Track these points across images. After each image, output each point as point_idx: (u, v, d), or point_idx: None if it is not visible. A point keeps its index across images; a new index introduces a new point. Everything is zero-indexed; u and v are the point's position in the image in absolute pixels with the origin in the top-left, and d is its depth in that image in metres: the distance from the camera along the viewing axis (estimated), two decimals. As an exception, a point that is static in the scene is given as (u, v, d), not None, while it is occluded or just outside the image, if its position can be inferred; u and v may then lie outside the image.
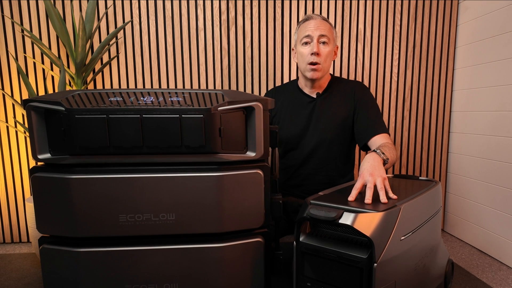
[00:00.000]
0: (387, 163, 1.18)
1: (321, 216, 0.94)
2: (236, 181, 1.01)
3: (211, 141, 0.97)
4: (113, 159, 0.97)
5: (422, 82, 1.98)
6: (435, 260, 1.19)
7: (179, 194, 0.99)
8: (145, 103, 0.97)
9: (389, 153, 1.21)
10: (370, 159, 1.12)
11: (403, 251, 0.97)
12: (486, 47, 1.73)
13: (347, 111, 1.47)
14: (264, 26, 1.88)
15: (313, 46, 1.40)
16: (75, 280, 1.01)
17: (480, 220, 1.80)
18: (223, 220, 1.02)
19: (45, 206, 0.99)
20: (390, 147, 1.27)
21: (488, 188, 1.73)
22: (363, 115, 1.45)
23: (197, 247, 1.02)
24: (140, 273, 1.01)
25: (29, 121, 0.96)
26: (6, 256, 1.74)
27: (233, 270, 1.05)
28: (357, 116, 1.46)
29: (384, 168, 1.11)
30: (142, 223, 0.99)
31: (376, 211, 0.92)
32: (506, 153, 1.61)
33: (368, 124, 1.43)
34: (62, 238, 1.02)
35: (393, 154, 1.25)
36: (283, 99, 1.58)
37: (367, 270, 0.90)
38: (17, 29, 1.76)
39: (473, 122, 1.83)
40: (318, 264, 1.00)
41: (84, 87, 1.73)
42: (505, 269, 1.57)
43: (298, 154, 1.52)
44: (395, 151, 1.28)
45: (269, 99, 1.04)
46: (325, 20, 1.44)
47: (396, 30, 1.93)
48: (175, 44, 1.85)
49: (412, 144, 2.03)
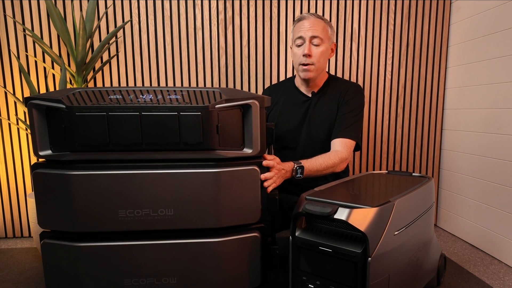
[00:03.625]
0: (305, 170, 1.25)
1: (317, 211, 0.96)
2: (233, 177, 1.02)
3: (209, 138, 0.98)
4: (113, 156, 0.98)
5: (415, 80, 2.00)
6: (428, 255, 1.21)
7: (177, 190, 0.99)
8: (144, 101, 0.98)
9: (311, 162, 1.28)
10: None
11: (396, 245, 0.98)
12: (478, 46, 1.75)
13: (336, 110, 1.48)
14: (260, 25, 1.89)
15: (304, 47, 1.41)
16: (75, 274, 1.01)
17: (472, 216, 1.82)
18: (221, 216, 1.02)
19: (46, 201, 1.00)
20: (321, 156, 1.33)
21: (480, 184, 1.76)
22: (341, 116, 1.45)
23: (195, 242, 1.03)
24: (139, 267, 1.02)
25: (30, 118, 0.96)
26: (8, 250, 1.75)
27: (230, 264, 1.06)
28: (337, 116, 1.47)
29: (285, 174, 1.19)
30: (141, 218, 1.00)
31: (370, 206, 0.93)
32: (497, 149, 1.63)
33: (339, 126, 1.44)
34: (62, 233, 1.02)
35: (319, 161, 1.30)
36: (279, 96, 1.59)
37: (362, 264, 0.92)
38: (19, 28, 1.77)
39: (465, 119, 1.86)
40: (313, 258, 1.01)
41: (84, 85, 1.75)
42: (496, 264, 1.60)
43: (293, 152, 1.53)
44: (324, 159, 1.32)
45: (265, 97, 1.05)
46: (319, 18, 1.43)
47: (390, 30, 1.95)
48: (173, 43, 1.87)
49: (406, 141, 2.05)
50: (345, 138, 1.41)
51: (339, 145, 1.40)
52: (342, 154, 1.37)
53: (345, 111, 1.45)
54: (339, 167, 1.37)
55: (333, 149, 1.40)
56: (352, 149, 1.43)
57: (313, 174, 1.28)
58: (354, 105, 1.46)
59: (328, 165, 1.31)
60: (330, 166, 1.32)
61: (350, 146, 1.41)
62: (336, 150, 1.39)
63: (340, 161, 1.35)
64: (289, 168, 1.20)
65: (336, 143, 1.41)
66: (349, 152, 1.40)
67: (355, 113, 1.45)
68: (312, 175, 1.28)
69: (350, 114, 1.45)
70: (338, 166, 1.35)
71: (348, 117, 1.44)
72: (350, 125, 1.43)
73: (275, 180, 1.11)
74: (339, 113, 1.46)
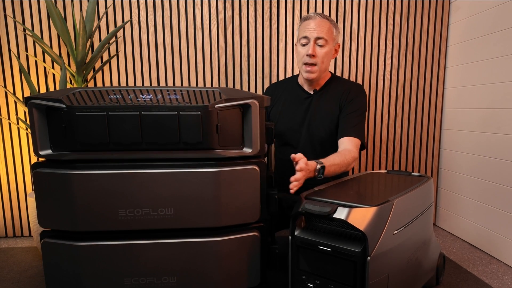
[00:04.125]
0: (326, 170, 1.22)
1: (316, 210, 0.96)
2: (233, 176, 1.02)
3: (209, 138, 0.98)
4: (113, 155, 0.98)
5: (414, 80, 2.01)
6: (427, 254, 1.21)
7: (177, 189, 0.99)
8: (144, 101, 0.98)
9: (330, 161, 1.25)
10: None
11: (396, 245, 0.99)
12: (477, 46, 1.76)
13: (337, 109, 1.48)
14: (260, 25, 1.90)
15: (309, 47, 1.42)
16: (75, 273, 1.02)
17: (471, 215, 1.82)
18: (220, 215, 1.03)
19: (46, 201, 1.00)
20: (337, 155, 1.31)
21: (478, 183, 1.76)
22: (345, 115, 1.46)
23: (195, 241, 1.03)
24: (139, 267, 1.02)
25: (30, 118, 0.97)
26: (9, 250, 1.75)
27: (230, 263, 1.06)
28: (341, 115, 1.47)
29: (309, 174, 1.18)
30: (141, 218, 1.00)
31: (370, 206, 0.93)
32: (496, 149, 1.63)
33: (346, 125, 1.44)
34: (63, 232, 1.02)
35: (337, 161, 1.28)
36: (282, 92, 1.61)
37: (361, 264, 0.92)
38: (19, 28, 1.78)
39: (464, 119, 1.86)
40: (313, 257, 1.01)
41: (84, 85, 1.75)
42: (495, 263, 1.60)
43: (293, 150, 1.53)
44: (341, 159, 1.29)
45: (265, 96, 1.05)
46: (326, 19, 1.44)
47: (389, 29, 1.95)
48: (173, 43, 1.87)
49: (405, 140, 2.06)
50: (354, 137, 1.41)
51: (350, 144, 1.39)
52: (355, 153, 1.36)
53: (350, 111, 1.46)
54: (350, 166, 1.35)
55: (343, 147, 1.39)
56: (359, 148, 1.42)
57: (331, 174, 1.26)
58: (358, 104, 1.47)
59: (344, 164, 1.29)
60: (345, 166, 1.30)
61: (358, 145, 1.42)
62: (348, 149, 1.37)
63: (353, 160, 1.34)
64: (312, 167, 1.18)
65: (346, 142, 1.40)
66: (357, 151, 1.40)
67: (359, 113, 1.46)
68: (329, 175, 1.26)
69: (355, 113, 1.45)
70: (351, 165, 1.34)
71: (353, 116, 1.45)
72: (357, 124, 1.44)
73: (301, 183, 1.11)
74: (344, 113, 1.46)
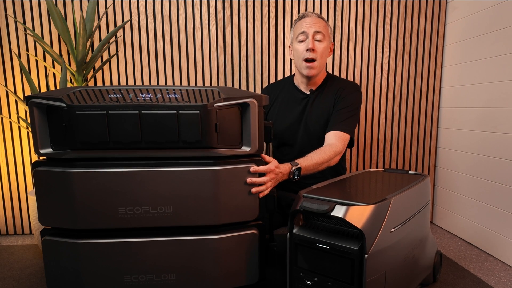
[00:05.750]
0: (302, 170, 1.23)
1: (314, 208, 0.97)
2: (231, 175, 1.03)
3: (208, 136, 0.99)
4: (113, 154, 0.98)
5: (411, 79, 2.02)
6: (424, 252, 1.22)
7: (176, 187, 1.00)
8: (144, 100, 0.98)
9: (307, 160, 1.26)
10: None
11: (393, 242, 1.00)
12: (474, 46, 1.77)
13: (332, 107, 1.48)
14: (258, 25, 1.91)
15: (308, 42, 1.41)
16: (76, 271, 1.02)
17: (467, 213, 1.84)
18: (219, 213, 1.03)
19: (47, 199, 1.00)
20: (316, 152, 1.31)
21: (475, 181, 1.77)
22: (336, 111, 1.46)
23: (194, 239, 1.03)
24: (139, 264, 1.03)
25: (31, 117, 0.97)
26: (9, 247, 1.76)
27: (229, 261, 1.07)
28: (333, 111, 1.47)
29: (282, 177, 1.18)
30: (141, 216, 1.00)
31: (367, 204, 0.94)
32: (492, 147, 1.64)
33: (334, 120, 1.44)
34: (63, 230, 1.03)
35: (315, 159, 1.28)
36: (278, 93, 1.60)
37: (358, 261, 0.92)
38: (20, 28, 1.78)
39: (461, 118, 1.87)
40: (311, 255, 1.02)
41: (84, 84, 1.76)
42: (491, 260, 1.61)
43: (291, 149, 1.54)
44: (319, 155, 1.30)
45: (263, 95, 1.05)
46: (320, 18, 1.45)
47: (387, 29, 1.96)
48: (172, 42, 1.88)
49: (402, 139, 2.07)
50: (339, 131, 1.40)
51: (333, 138, 1.39)
52: (337, 147, 1.35)
53: (341, 107, 1.45)
54: (333, 161, 1.35)
55: (327, 142, 1.39)
56: (346, 143, 1.42)
57: (310, 172, 1.27)
58: (350, 101, 1.46)
59: (324, 160, 1.29)
60: (326, 161, 1.30)
61: (344, 139, 1.40)
62: (330, 143, 1.37)
63: (335, 155, 1.34)
64: (286, 170, 1.18)
65: (330, 136, 1.40)
66: (343, 145, 1.39)
67: (350, 109, 1.46)
68: (309, 173, 1.28)
69: (346, 109, 1.45)
70: (333, 159, 1.34)
71: (343, 112, 1.44)
72: (345, 119, 1.43)
73: (268, 186, 1.09)
74: (335, 109, 1.46)
